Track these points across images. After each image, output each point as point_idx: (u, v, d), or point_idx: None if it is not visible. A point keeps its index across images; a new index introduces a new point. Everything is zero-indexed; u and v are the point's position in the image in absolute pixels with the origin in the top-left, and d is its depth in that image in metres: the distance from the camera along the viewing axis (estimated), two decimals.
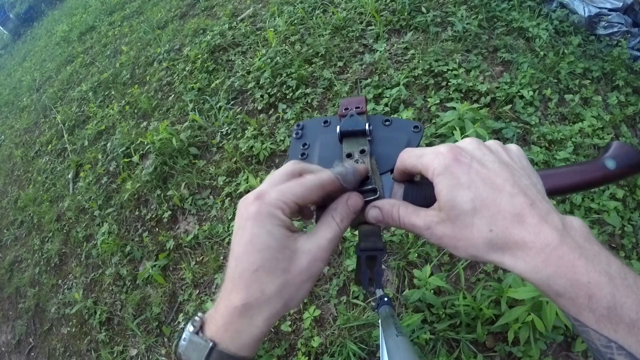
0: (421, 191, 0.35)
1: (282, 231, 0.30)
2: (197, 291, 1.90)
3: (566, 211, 1.57)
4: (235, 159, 2.20)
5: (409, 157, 0.33)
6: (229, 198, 2.10)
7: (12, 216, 3.31)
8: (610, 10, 2.15)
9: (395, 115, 1.98)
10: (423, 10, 2.45)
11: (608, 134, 1.79)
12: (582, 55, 2.14)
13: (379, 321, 1.11)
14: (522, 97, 1.94)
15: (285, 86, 2.39)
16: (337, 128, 0.41)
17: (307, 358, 1.49)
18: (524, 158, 0.32)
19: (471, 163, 0.29)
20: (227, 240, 1.97)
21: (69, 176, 3.06)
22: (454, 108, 1.76)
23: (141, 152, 2.63)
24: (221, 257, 1.92)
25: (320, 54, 2.48)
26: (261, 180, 2.00)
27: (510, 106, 1.93)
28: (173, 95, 2.99)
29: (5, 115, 5.32)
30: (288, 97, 2.35)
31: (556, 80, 2.03)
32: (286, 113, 2.28)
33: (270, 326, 0.30)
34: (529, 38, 2.24)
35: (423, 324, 1.41)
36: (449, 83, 2.03)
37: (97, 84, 3.88)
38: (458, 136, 1.63)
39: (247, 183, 2.02)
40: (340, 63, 2.40)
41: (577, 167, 0.35)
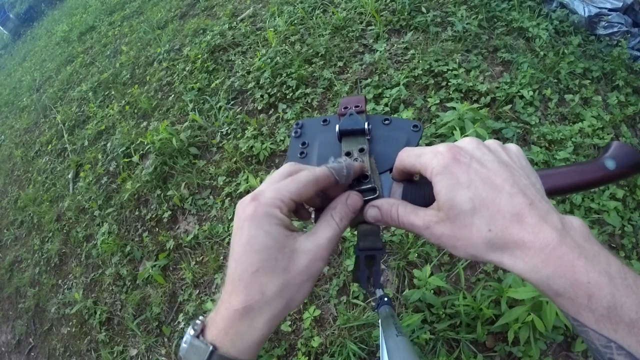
0: (420, 190, 0.35)
1: (281, 230, 0.30)
2: (197, 291, 1.90)
3: (566, 211, 1.56)
4: (235, 159, 2.20)
5: (408, 157, 0.33)
6: (229, 198, 2.09)
7: (12, 216, 3.31)
8: (610, 10, 2.15)
9: (395, 115, 1.98)
10: (423, 10, 2.45)
11: (608, 134, 1.79)
12: (582, 55, 2.14)
13: (379, 321, 1.11)
14: (522, 97, 1.93)
15: (285, 86, 2.39)
16: (336, 127, 0.40)
17: (307, 358, 1.49)
18: (523, 158, 0.32)
19: (470, 162, 0.29)
20: (227, 240, 1.97)
21: (69, 176, 3.06)
22: (454, 108, 1.75)
23: (141, 152, 2.62)
24: (221, 257, 1.92)
25: (320, 54, 2.48)
26: (261, 180, 2.00)
27: (510, 106, 1.93)
28: (173, 95, 2.99)
29: (5, 115, 5.32)
30: (288, 97, 2.35)
31: (556, 80, 2.03)
32: (286, 113, 2.28)
33: (271, 329, 0.29)
34: (529, 38, 2.24)
35: (423, 324, 1.41)
36: (449, 83, 2.03)
37: (97, 84, 3.88)
38: (458, 136, 1.63)
39: (247, 183, 2.02)
40: (340, 63, 2.40)
41: (577, 167, 0.35)
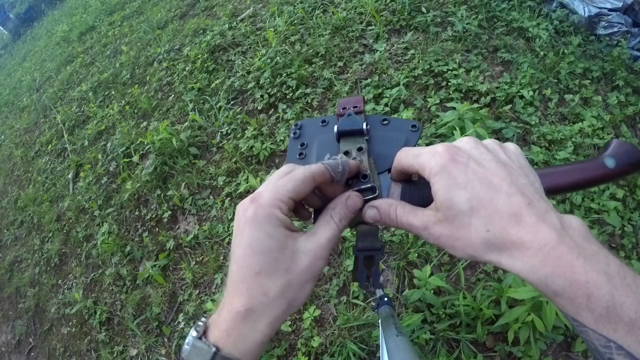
0: (418, 191, 0.35)
1: (282, 231, 0.30)
2: (197, 291, 1.90)
3: (566, 211, 1.56)
4: (235, 159, 2.20)
5: (406, 157, 0.32)
6: (229, 198, 2.09)
7: (12, 216, 3.31)
8: (610, 10, 2.15)
9: (395, 115, 1.98)
10: (423, 10, 2.45)
11: (608, 134, 1.79)
12: (582, 55, 2.14)
13: (379, 321, 1.11)
14: (522, 97, 1.93)
15: (285, 86, 2.39)
16: (335, 127, 0.40)
17: (307, 358, 1.49)
18: (522, 157, 0.32)
19: (468, 162, 0.28)
20: (227, 240, 1.97)
21: (69, 176, 3.06)
22: (454, 108, 1.75)
23: (141, 152, 2.63)
24: (221, 257, 1.92)
25: (320, 54, 2.48)
26: (261, 180, 2.00)
27: (510, 106, 1.92)
28: (173, 95, 2.99)
29: (5, 115, 5.32)
30: (288, 97, 2.35)
31: (556, 80, 2.03)
32: (286, 113, 2.28)
33: (274, 330, 0.30)
34: (529, 38, 2.24)
35: (423, 324, 1.41)
36: (449, 83, 2.02)
37: (97, 84, 3.88)
38: (458, 136, 1.62)
39: (247, 183, 2.02)
40: (340, 63, 2.40)
41: (577, 166, 0.35)
